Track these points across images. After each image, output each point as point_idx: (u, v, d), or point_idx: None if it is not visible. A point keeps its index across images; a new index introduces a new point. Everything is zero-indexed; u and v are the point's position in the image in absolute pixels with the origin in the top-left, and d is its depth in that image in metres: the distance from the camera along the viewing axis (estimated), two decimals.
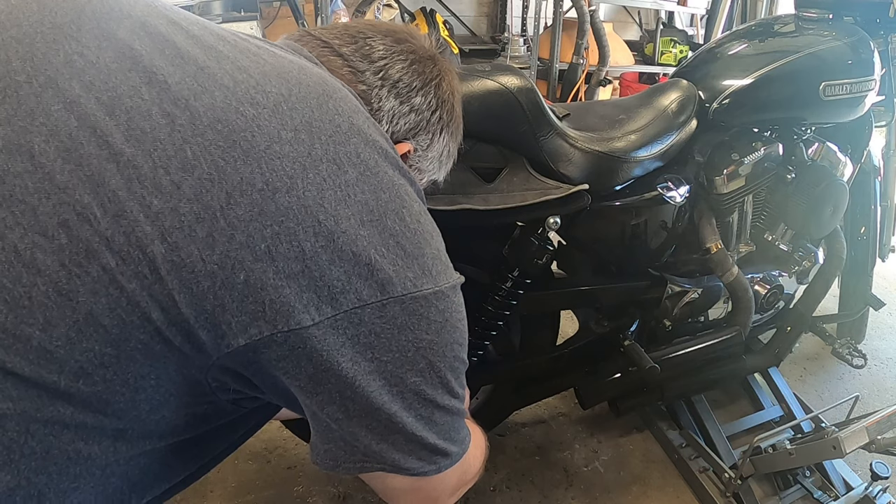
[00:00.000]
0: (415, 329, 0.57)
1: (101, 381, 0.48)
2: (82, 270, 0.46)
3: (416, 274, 0.57)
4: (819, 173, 1.43)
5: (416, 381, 0.59)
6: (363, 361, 0.55)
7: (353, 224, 0.54)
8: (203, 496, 1.43)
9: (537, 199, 1.10)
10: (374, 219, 0.55)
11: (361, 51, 0.68)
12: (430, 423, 0.62)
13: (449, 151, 0.78)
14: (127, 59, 0.52)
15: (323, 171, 0.54)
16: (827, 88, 1.34)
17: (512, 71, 1.09)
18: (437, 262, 0.60)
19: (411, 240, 0.58)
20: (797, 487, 1.47)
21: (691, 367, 1.47)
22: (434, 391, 0.61)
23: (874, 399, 1.89)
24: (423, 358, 0.59)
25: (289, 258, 0.50)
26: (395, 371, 0.57)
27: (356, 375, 0.55)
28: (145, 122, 0.49)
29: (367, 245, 0.54)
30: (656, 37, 4.08)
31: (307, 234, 0.51)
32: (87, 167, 0.47)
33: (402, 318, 0.56)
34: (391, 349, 0.56)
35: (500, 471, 1.54)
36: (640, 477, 1.55)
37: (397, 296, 0.55)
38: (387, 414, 0.58)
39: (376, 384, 0.56)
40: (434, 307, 0.58)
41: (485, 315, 1.25)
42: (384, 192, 0.57)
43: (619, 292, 1.42)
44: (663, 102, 1.30)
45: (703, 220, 1.40)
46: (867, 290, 1.90)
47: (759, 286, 1.56)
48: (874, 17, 1.48)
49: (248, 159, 0.50)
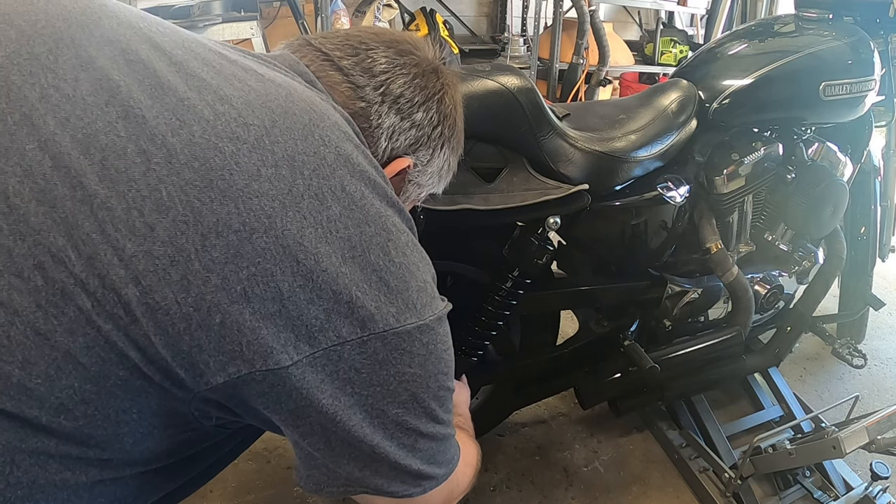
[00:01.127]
0: (397, 363, 0.57)
1: (82, 416, 0.48)
2: (59, 311, 0.46)
3: (399, 309, 0.57)
4: (819, 173, 1.43)
5: (398, 413, 0.59)
6: (343, 396, 0.55)
7: (335, 262, 0.53)
8: (203, 496, 1.43)
9: (537, 199, 1.10)
10: (356, 255, 0.54)
11: (362, 64, 0.66)
12: (413, 450, 0.61)
13: (449, 166, 0.77)
14: (104, 92, 0.51)
15: (304, 208, 0.53)
16: (827, 88, 1.34)
17: (512, 71, 1.09)
18: (423, 294, 0.60)
19: (395, 274, 0.57)
20: (797, 487, 1.47)
21: (691, 367, 1.47)
22: (417, 421, 0.61)
23: (874, 399, 1.89)
24: (406, 390, 0.58)
25: (265, 299, 0.50)
26: (376, 404, 0.57)
27: (337, 410, 0.55)
28: (120, 160, 0.48)
29: (348, 283, 0.53)
30: (656, 37, 4.08)
31: (285, 274, 0.50)
32: (60, 209, 0.47)
33: (384, 353, 0.56)
34: (372, 383, 0.56)
35: (500, 471, 1.54)
36: (640, 477, 1.55)
37: (378, 332, 0.55)
38: (369, 445, 0.58)
39: (357, 417, 0.56)
40: (418, 341, 0.58)
41: (485, 315, 1.25)
42: (369, 226, 0.56)
43: (619, 292, 1.42)
44: (663, 102, 1.30)
45: (703, 220, 1.40)
46: (867, 290, 1.90)
47: (759, 286, 1.56)
48: (874, 17, 1.48)
49: (225, 199, 0.50)
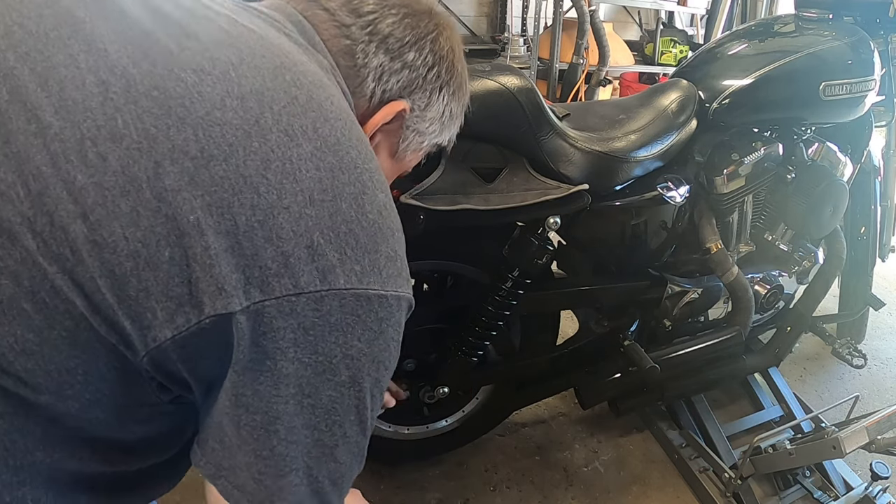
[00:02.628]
0: (347, 332, 0.51)
1: (22, 370, 0.46)
2: (5, 252, 0.44)
3: (365, 269, 0.51)
4: (819, 173, 1.43)
5: (331, 398, 0.52)
6: (283, 361, 0.49)
7: (300, 200, 0.48)
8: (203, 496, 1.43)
9: (537, 199, 1.11)
10: (325, 199, 0.50)
11: (350, 4, 0.63)
12: (327, 457, 0.54)
13: (451, 112, 0.71)
14: (67, 27, 0.49)
15: (271, 141, 0.49)
16: (827, 88, 1.34)
17: (512, 71, 1.09)
18: (392, 264, 0.54)
19: (367, 230, 0.52)
20: (797, 487, 1.47)
21: (691, 367, 1.48)
22: (345, 416, 0.54)
23: (874, 399, 1.89)
24: (348, 369, 0.52)
25: (219, 232, 0.46)
26: (312, 379, 0.51)
27: (271, 376, 0.49)
28: (78, 92, 0.47)
29: (311, 226, 0.48)
30: (656, 37, 4.08)
31: (243, 206, 0.47)
32: (13, 143, 0.45)
33: (338, 315, 0.50)
34: (317, 350, 0.50)
35: (500, 471, 1.54)
36: (640, 477, 1.55)
37: (338, 289, 0.49)
38: (286, 434, 0.51)
39: (287, 389, 0.50)
40: (374, 312, 0.52)
41: (485, 315, 1.25)
42: (343, 173, 0.51)
43: (619, 292, 1.42)
44: (663, 102, 1.30)
45: (703, 220, 1.40)
46: (867, 290, 1.90)
47: (759, 286, 1.56)
48: (874, 17, 1.48)
49: (184, 126, 0.47)
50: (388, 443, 1.44)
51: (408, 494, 1.47)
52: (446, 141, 0.75)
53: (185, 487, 1.53)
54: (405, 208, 1.03)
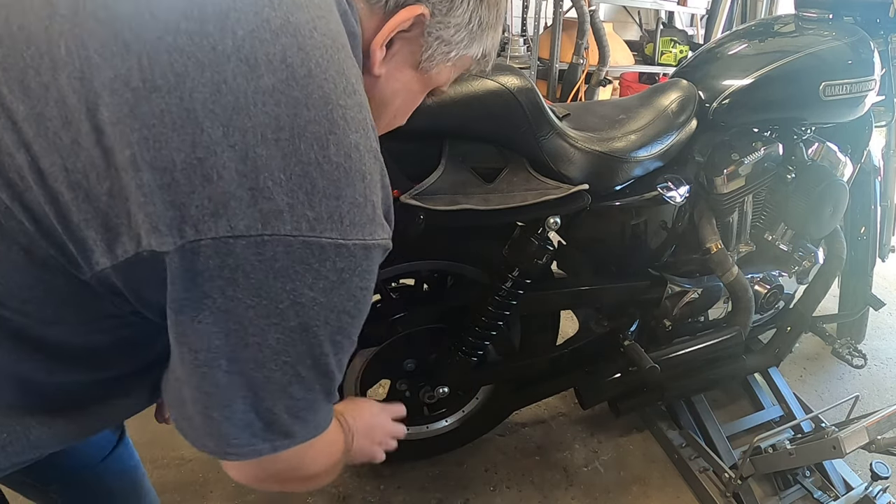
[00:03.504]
0: (295, 280, 0.47)
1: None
2: None
3: (319, 216, 0.47)
4: (819, 173, 1.43)
5: (279, 340, 0.49)
6: (222, 299, 0.47)
7: (249, 139, 0.45)
8: (203, 496, 1.43)
9: (537, 199, 1.10)
10: (280, 138, 0.46)
11: None
12: (279, 393, 0.52)
13: (481, 21, 0.64)
14: None
15: (227, 71, 0.45)
16: (827, 88, 1.34)
17: (512, 71, 1.09)
18: (358, 210, 0.49)
19: (327, 174, 0.47)
20: (797, 487, 1.47)
21: (691, 367, 1.48)
22: (299, 360, 0.51)
23: (874, 399, 1.89)
24: (298, 316, 0.49)
25: (155, 168, 0.44)
26: (256, 321, 0.48)
27: (210, 314, 0.47)
28: (24, 17, 0.45)
29: (259, 166, 0.45)
30: (656, 37, 4.08)
31: (183, 142, 0.44)
32: None
33: (284, 262, 0.47)
34: (260, 294, 0.47)
35: (500, 471, 1.54)
36: (640, 477, 1.55)
37: (283, 235, 0.46)
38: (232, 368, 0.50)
39: (228, 326, 0.48)
40: (330, 262, 0.48)
41: (485, 315, 1.25)
42: (308, 110, 0.47)
43: (619, 292, 1.42)
44: (663, 102, 1.30)
45: (703, 220, 1.40)
46: (867, 290, 1.90)
47: (759, 286, 1.56)
48: (874, 17, 1.48)
49: (129, 54, 0.44)
50: None
51: (408, 494, 1.47)
52: (480, 54, 0.68)
53: (185, 487, 1.54)
54: (405, 208, 1.03)
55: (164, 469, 1.48)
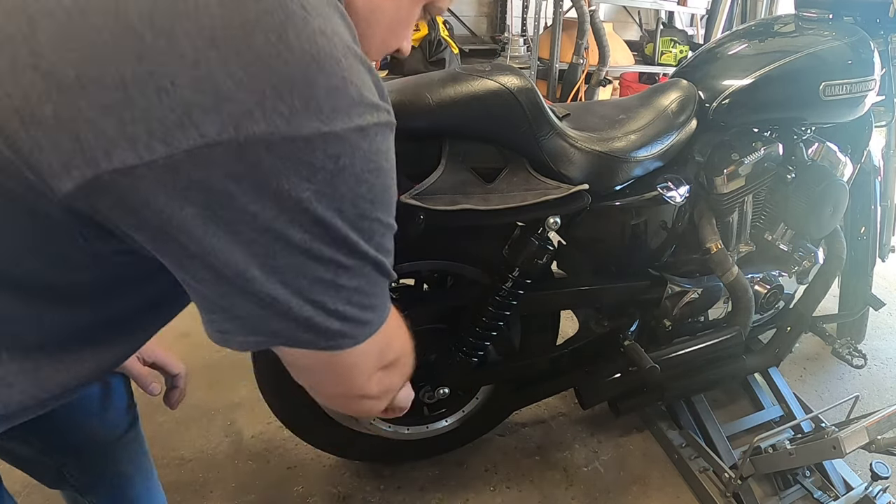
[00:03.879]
0: (290, 176, 0.45)
1: None
2: None
3: (293, 109, 0.44)
4: (819, 173, 1.43)
5: (303, 239, 0.48)
6: (221, 211, 0.45)
7: (198, 43, 0.43)
8: (203, 496, 1.43)
9: (537, 199, 1.11)
10: (231, 34, 0.43)
11: None
12: (320, 289, 0.51)
13: None
14: None
15: None
16: (827, 88, 1.34)
17: (512, 71, 1.09)
18: (339, 94, 0.46)
19: (293, 63, 0.45)
20: (797, 487, 1.47)
21: (691, 367, 1.47)
22: (331, 251, 0.50)
23: (874, 399, 1.89)
24: (306, 213, 0.47)
25: (104, 86, 0.42)
26: (268, 226, 0.47)
27: (208, 231, 0.46)
28: None
29: (214, 69, 0.43)
30: (656, 37, 4.08)
31: (127, 56, 0.42)
32: None
33: (272, 161, 0.45)
34: (259, 200, 0.46)
35: (500, 471, 1.54)
36: (640, 477, 1.55)
37: (259, 135, 0.44)
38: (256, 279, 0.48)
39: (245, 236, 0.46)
40: (321, 152, 0.46)
41: (485, 315, 1.25)
42: (259, 2, 0.45)
43: (619, 292, 1.42)
44: (663, 102, 1.31)
45: (703, 220, 1.40)
46: (867, 290, 1.90)
47: (759, 286, 1.56)
48: (874, 17, 1.48)
49: None
50: (388, 443, 1.44)
51: (408, 494, 1.47)
52: None
53: (185, 487, 1.54)
54: (405, 208, 1.03)
55: (164, 469, 1.47)
